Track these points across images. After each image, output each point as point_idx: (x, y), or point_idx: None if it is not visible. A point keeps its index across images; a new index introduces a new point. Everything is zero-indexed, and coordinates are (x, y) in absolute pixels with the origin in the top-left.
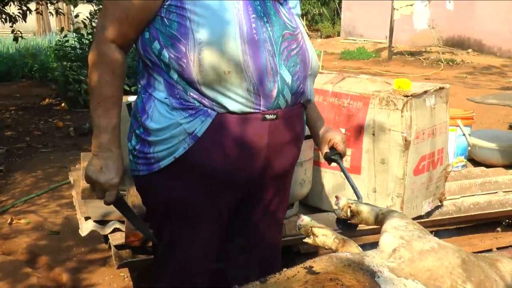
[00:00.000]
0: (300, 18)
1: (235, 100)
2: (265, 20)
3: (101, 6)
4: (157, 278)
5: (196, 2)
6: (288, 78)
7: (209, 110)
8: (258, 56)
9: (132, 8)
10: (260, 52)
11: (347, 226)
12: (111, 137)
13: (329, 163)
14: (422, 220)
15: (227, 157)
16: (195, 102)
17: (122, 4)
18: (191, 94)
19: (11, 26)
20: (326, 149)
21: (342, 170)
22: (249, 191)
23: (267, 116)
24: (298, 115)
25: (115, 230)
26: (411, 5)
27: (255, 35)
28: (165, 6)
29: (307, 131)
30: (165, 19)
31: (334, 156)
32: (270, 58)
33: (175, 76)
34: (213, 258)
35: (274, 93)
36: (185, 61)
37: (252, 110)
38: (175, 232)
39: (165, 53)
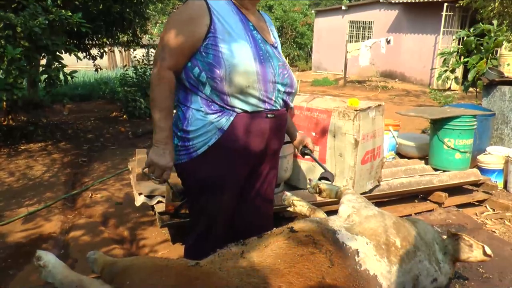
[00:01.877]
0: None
1: (251, 104)
2: (267, 55)
3: (151, 50)
4: (189, 235)
5: (226, 43)
6: (282, 91)
7: (231, 111)
8: (266, 76)
9: (185, 46)
10: (267, 74)
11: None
12: (168, 134)
13: (303, 156)
14: (366, 195)
15: (244, 139)
16: (223, 107)
17: (178, 44)
18: (219, 102)
19: (93, 63)
20: (301, 147)
21: (314, 158)
22: (255, 166)
23: (269, 115)
24: (284, 115)
25: (159, 202)
26: (358, 49)
27: (263, 63)
28: (203, 45)
29: (287, 138)
30: (203, 53)
31: (307, 151)
32: (272, 77)
33: (208, 91)
34: (230, 220)
35: (274, 98)
36: (219, 79)
37: (260, 109)
38: (206, 200)
39: (203, 74)
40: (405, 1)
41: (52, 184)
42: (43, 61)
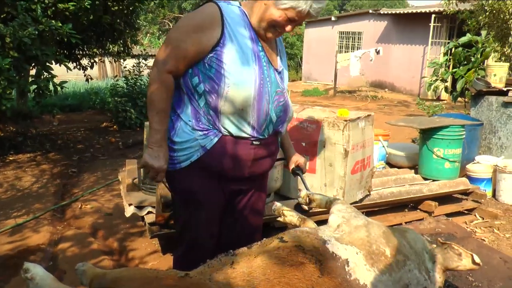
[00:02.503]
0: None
1: (239, 128)
2: (267, 80)
3: (141, 60)
4: (178, 246)
5: (231, 62)
6: (274, 119)
7: (216, 132)
8: (261, 103)
9: (189, 54)
10: (262, 100)
11: (300, 210)
12: (163, 136)
13: (294, 176)
14: (357, 205)
15: (226, 163)
16: (210, 125)
17: (183, 49)
18: (209, 117)
19: (84, 73)
20: (293, 166)
21: (303, 181)
22: (239, 186)
23: (254, 142)
24: (274, 141)
25: (149, 212)
26: (348, 59)
27: (261, 88)
28: (208, 56)
29: (281, 154)
30: (206, 64)
31: (298, 171)
32: (266, 104)
33: (202, 103)
34: (215, 232)
35: (264, 127)
36: (215, 95)
37: (246, 136)
38: (188, 214)
39: (202, 86)
40: (394, 12)
41: (41, 195)
42: (33, 71)
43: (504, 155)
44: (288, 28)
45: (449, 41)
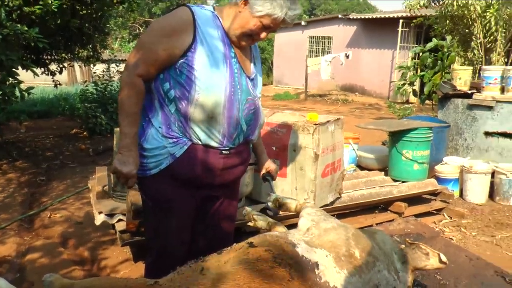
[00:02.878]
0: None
1: (209, 136)
2: (238, 87)
3: (111, 65)
4: (148, 253)
5: (202, 67)
6: (245, 128)
7: (186, 140)
8: (231, 110)
9: (160, 58)
10: (233, 108)
11: (273, 211)
12: (133, 140)
13: (264, 182)
14: (328, 207)
15: (195, 171)
16: (179, 133)
17: (154, 53)
18: (179, 124)
19: (52, 78)
20: (263, 172)
21: (271, 188)
22: (209, 193)
23: (223, 152)
24: (245, 149)
25: (119, 220)
26: (318, 63)
27: (232, 96)
28: (180, 62)
29: (252, 159)
30: (177, 70)
31: (268, 177)
32: (236, 113)
33: (173, 109)
34: (186, 239)
35: (234, 135)
36: (186, 101)
37: (216, 145)
38: (158, 221)
39: (172, 92)
40: (363, 17)
41: (7, 205)
42: None
43: (470, 156)
44: (263, 35)
45: (416, 45)
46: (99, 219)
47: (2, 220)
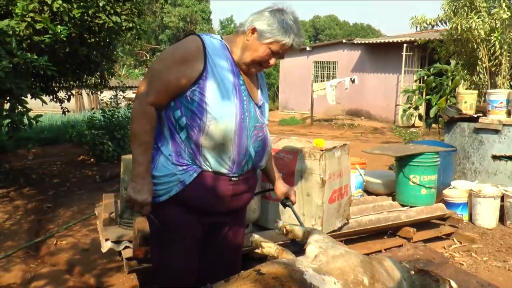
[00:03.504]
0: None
1: (219, 163)
2: (247, 115)
3: (118, 92)
4: (154, 280)
5: (213, 95)
6: (253, 155)
7: (196, 168)
8: (241, 138)
9: (171, 86)
10: (242, 135)
11: (298, 246)
12: (146, 169)
13: (284, 207)
14: (336, 233)
15: (205, 198)
16: (189, 160)
17: (164, 82)
18: (190, 151)
19: (60, 106)
20: (282, 198)
21: (294, 212)
22: (218, 219)
23: (233, 178)
24: (252, 176)
25: (126, 247)
26: (324, 89)
27: (241, 124)
28: (191, 89)
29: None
30: (189, 98)
31: (288, 203)
32: (245, 140)
33: (183, 136)
34: (194, 266)
35: (243, 162)
36: (197, 128)
37: (226, 172)
38: (165, 248)
39: (184, 120)
40: (367, 41)
41: (13, 232)
42: (7, 105)
43: (478, 180)
44: (272, 61)
45: (421, 69)
46: (105, 246)
47: (8, 247)
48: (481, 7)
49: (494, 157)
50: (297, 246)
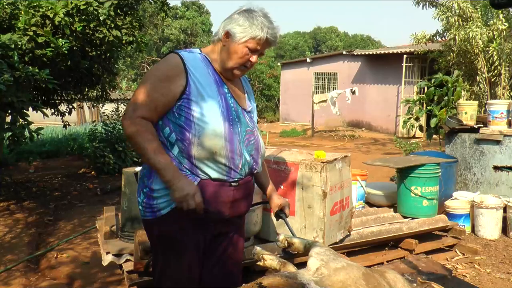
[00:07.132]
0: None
1: (216, 170)
2: (237, 120)
3: (120, 105)
4: None
5: (198, 106)
6: (248, 158)
7: (195, 177)
8: (233, 143)
9: (159, 103)
10: (234, 140)
11: (288, 254)
12: (173, 168)
13: (277, 220)
14: (337, 245)
15: (206, 205)
16: (187, 171)
17: (153, 99)
18: (185, 165)
19: (61, 119)
20: (276, 209)
21: (287, 224)
22: (219, 229)
23: (233, 184)
24: (250, 181)
25: (127, 260)
26: (324, 100)
27: (231, 129)
28: (176, 105)
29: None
30: (176, 113)
31: (282, 214)
32: (238, 145)
33: (176, 152)
34: (195, 278)
35: (240, 167)
36: (187, 142)
37: (225, 178)
38: (167, 260)
39: (173, 135)
40: (367, 53)
41: (14, 245)
42: (9, 118)
43: (480, 191)
44: (253, 59)
45: (421, 80)
46: (106, 259)
47: (9, 261)
48: (474, 17)
49: (496, 168)
50: (288, 254)
